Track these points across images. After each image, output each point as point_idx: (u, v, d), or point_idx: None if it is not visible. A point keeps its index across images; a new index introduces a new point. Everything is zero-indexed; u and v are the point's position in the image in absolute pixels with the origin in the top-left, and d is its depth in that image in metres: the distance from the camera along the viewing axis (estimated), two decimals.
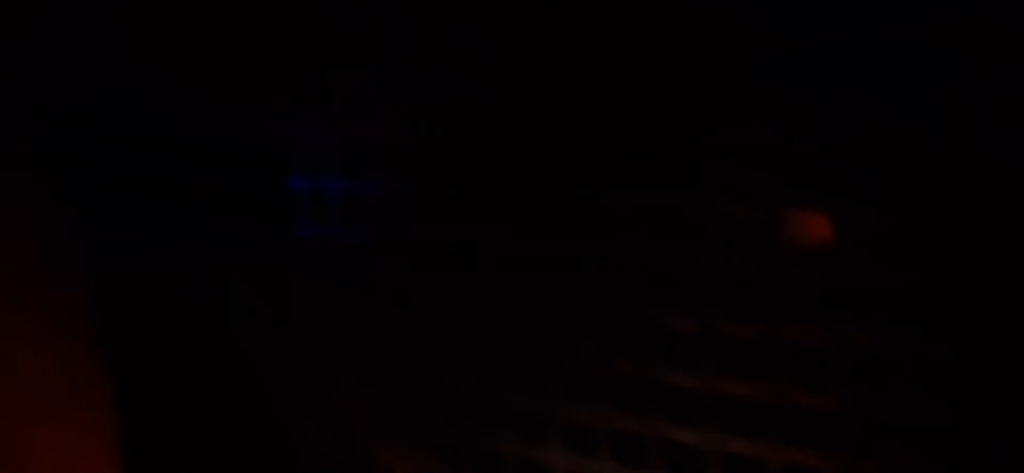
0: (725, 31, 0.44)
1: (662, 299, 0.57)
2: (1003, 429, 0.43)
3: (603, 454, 0.64)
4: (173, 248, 0.76)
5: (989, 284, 0.40)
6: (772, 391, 0.54)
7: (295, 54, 0.65)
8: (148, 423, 0.78)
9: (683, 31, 0.46)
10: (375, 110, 0.64)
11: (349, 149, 0.67)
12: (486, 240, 0.62)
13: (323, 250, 0.72)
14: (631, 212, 0.55)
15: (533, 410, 0.67)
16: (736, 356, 0.55)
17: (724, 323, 0.55)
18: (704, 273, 0.54)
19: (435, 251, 0.66)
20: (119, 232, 0.73)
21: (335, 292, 0.73)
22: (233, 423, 0.81)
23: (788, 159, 0.46)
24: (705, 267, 0.54)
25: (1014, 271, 0.39)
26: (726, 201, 0.52)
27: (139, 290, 0.77)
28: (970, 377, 0.45)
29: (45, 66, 0.67)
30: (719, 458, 0.58)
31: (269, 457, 0.80)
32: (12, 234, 0.69)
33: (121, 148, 0.73)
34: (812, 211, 0.48)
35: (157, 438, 0.79)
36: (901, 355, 0.48)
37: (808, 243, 0.50)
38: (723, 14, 0.44)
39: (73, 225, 0.71)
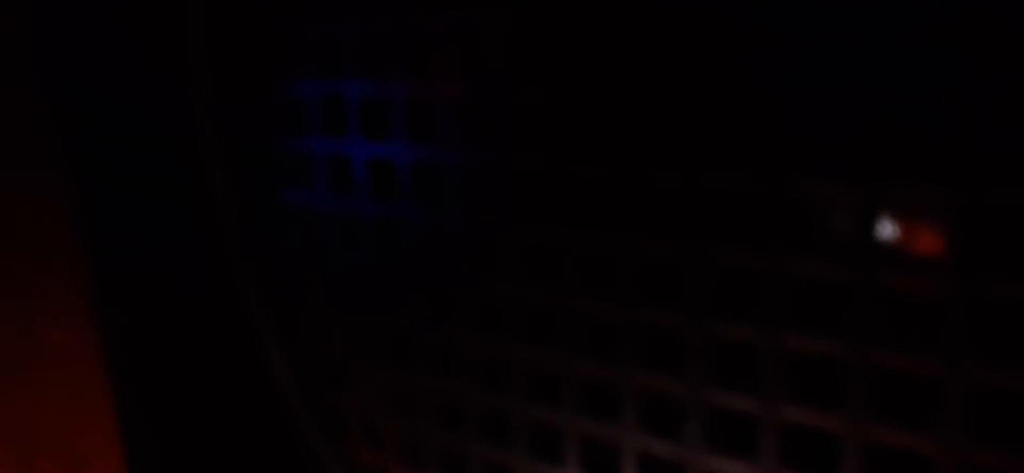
0: (722, 32, 0.43)
1: (715, 304, 0.47)
2: None
3: None
4: (173, 249, 0.77)
5: None
6: (848, 425, 0.45)
7: None
8: (152, 424, 0.80)
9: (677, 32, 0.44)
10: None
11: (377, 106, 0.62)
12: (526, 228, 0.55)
13: (329, 227, 0.69)
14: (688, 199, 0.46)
15: (544, 421, 0.60)
16: (804, 377, 0.46)
17: (793, 336, 0.45)
18: (775, 276, 0.45)
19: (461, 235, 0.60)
20: (120, 232, 0.74)
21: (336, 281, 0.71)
22: (231, 421, 0.84)
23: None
24: (777, 269, 0.44)
25: None
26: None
27: (141, 292, 0.77)
28: None
29: (48, 66, 0.67)
30: None
31: (266, 456, 0.84)
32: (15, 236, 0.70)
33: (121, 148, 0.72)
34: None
35: (160, 439, 0.81)
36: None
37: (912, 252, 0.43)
38: (720, 15, 0.43)
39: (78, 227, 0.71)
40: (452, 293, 0.62)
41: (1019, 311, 0.39)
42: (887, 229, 0.46)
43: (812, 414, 0.46)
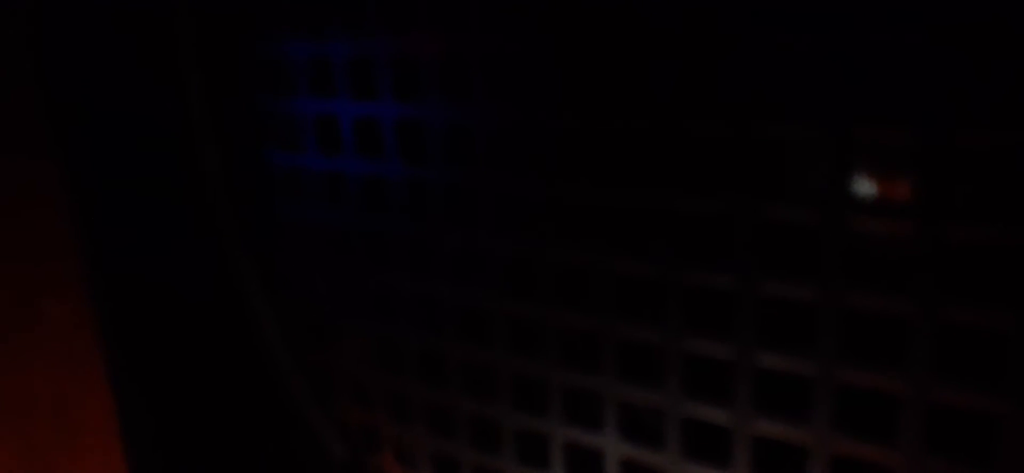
0: (723, 32, 0.43)
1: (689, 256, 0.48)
2: None
3: (609, 429, 0.56)
4: (173, 247, 0.78)
5: None
6: (821, 368, 0.46)
7: None
8: (145, 392, 0.81)
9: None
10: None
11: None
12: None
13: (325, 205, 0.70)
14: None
15: (526, 373, 0.60)
16: (780, 324, 0.47)
17: (769, 282, 0.46)
18: (749, 222, 0.45)
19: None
20: (119, 232, 0.75)
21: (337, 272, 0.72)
22: (222, 387, 0.85)
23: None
24: (750, 214, 0.45)
25: None
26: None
27: (140, 291, 0.78)
28: None
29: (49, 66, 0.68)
30: (748, 445, 0.50)
31: (257, 419, 0.85)
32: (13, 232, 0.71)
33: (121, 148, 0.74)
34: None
35: (153, 406, 0.82)
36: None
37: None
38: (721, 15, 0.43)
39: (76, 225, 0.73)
40: (432, 248, 0.63)
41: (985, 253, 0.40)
42: (864, 186, 0.47)
43: (786, 360, 0.47)
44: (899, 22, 0.38)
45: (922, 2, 0.37)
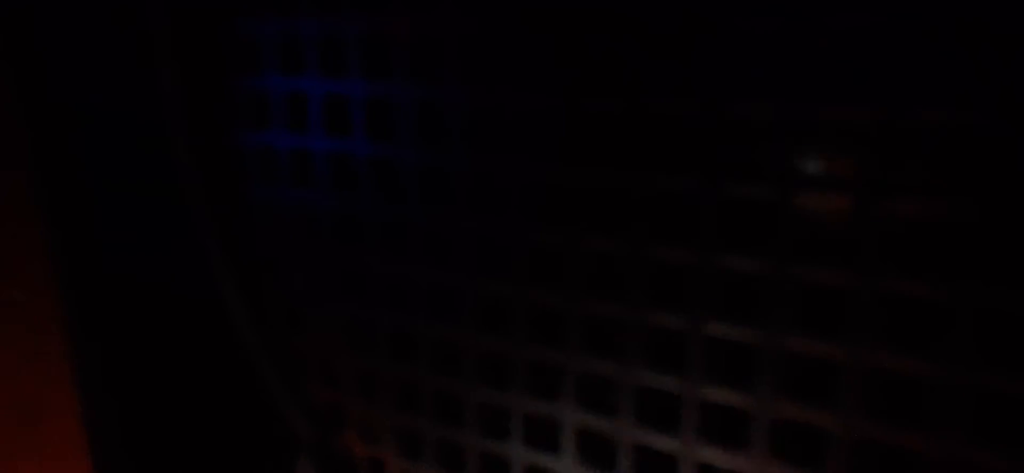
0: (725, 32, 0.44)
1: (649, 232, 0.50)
2: None
3: (568, 397, 0.58)
4: (166, 247, 0.80)
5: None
6: (770, 339, 0.48)
7: None
8: (108, 374, 0.82)
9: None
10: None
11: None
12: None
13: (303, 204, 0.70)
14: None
15: (493, 351, 0.62)
16: (732, 299, 0.49)
17: (722, 259, 0.48)
18: (702, 200, 0.48)
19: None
20: (115, 232, 0.77)
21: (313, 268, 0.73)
22: (188, 370, 0.86)
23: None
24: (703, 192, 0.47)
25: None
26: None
27: (129, 290, 0.79)
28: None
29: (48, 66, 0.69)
30: (699, 410, 0.52)
31: (226, 404, 0.86)
32: None
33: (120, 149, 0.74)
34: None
35: (117, 391, 0.83)
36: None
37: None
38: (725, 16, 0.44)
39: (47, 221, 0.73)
40: (404, 229, 0.64)
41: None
42: (814, 163, 0.49)
43: (733, 330, 0.49)
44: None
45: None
